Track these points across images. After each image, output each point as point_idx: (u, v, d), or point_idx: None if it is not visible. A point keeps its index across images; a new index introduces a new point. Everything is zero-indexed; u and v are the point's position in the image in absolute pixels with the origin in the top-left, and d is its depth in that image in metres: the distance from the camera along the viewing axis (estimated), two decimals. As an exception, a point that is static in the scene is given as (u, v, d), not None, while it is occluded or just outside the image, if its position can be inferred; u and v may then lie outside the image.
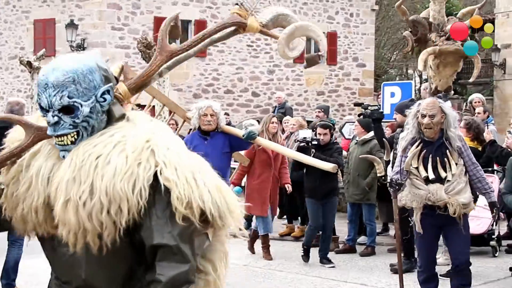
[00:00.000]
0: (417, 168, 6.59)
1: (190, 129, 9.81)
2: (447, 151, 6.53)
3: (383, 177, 8.78)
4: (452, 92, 22.49)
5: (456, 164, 6.54)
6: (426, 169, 6.55)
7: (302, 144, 9.94)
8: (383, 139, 8.97)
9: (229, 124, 12.95)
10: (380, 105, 12.33)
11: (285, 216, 12.93)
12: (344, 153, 11.03)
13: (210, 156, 7.23)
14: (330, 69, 30.34)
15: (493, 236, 10.26)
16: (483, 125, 10.89)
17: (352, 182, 10.74)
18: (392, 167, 7.31)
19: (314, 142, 9.84)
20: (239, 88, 27.39)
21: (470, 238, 6.98)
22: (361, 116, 10.39)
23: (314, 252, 9.92)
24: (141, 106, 21.71)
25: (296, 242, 11.56)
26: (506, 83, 30.56)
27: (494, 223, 9.69)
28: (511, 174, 7.30)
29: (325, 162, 8.38)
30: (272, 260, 10.14)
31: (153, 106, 18.28)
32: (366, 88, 31.10)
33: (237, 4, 3.16)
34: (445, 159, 6.53)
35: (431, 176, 6.52)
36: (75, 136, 2.68)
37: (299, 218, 12.09)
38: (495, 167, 10.69)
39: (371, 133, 10.32)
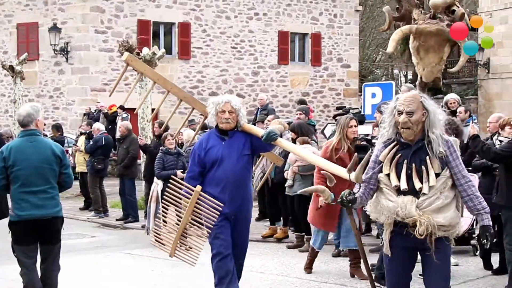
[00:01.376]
0: (388, 175, 5.30)
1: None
2: (427, 157, 5.20)
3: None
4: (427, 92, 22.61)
5: (438, 174, 5.20)
6: (398, 178, 5.26)
7: (362, 142, 9.25)
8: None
9: (204, 128, 12.82)
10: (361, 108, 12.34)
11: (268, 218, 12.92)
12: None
13: (228, 159, 6.91)
14: (315, 70, 30.37)
15: (473, 235, 10.28)
16: (462, 125, 10.85)
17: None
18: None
19: (374, 141, 8.92)
20: (224, 90, 27.35)
21: (448, 269, 5.47)
22: (338, 117, 10.37)
23: (293, 255, 9.86)
24: (124, 109, 21.69)
25: (278, 243, 11.55)
26: (490, 82, 30.68)
27: (475, 222, 9.70)
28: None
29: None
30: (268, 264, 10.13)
31: (134, 109, 18.29)
32: (351, 88, 31.15)
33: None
34: (423, 167, 5.20)
35: (403, 186, 5.21)
36: None
37: (281, 219, 12.07)
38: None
39: None
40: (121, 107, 22.13)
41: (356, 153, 6.54)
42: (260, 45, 28.96)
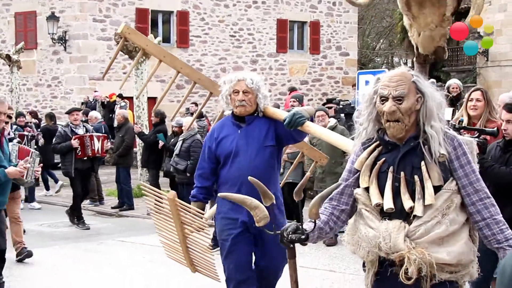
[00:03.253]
0: (367, 190, 3.71)
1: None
2: (422, 163, 3.60)
3: None
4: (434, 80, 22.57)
5: (439, 188, 3.59)
6: (382, 193, 3.65)
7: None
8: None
9: (201, 116, 12.78)
10: (351, 100, 12.32)
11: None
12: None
13: (244, 151, 5.48)
14: (314, 58, 30.34)
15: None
16: None
17: (328, 171, 10.62)
18: None
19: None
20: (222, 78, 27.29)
21: None
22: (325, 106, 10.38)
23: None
24: (123, 98, 21.72)
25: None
26: (489, 70, 30.65)
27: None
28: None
29: None
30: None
31: (131, 98, 18.31)
32: (349, 76, 31.13)
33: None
34: (416, 177, 3.59)
35: (388, 205, 3.59)
36: None
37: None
38: None
39: (333, 120, 10.35)
40: (120, 96, 22.17)
41: (307, 173, 5.80)
42: (258, 34, 28.93)
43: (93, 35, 25.72)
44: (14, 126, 13.54)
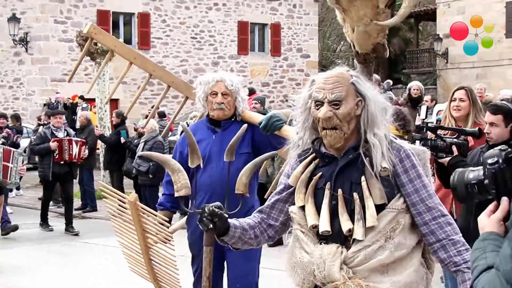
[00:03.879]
0: (303, 209, 3.26)
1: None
2: (363, 177, 3.15)
3: None
4: (391, 82, 22.88)
5: (382, 207, 3.14)
6: (318, 213, 3.20)
7: None
8: None
9: (163, 116, 12.85)
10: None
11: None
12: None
13: (217, 158, 4.97)
14: (275, 60, 30.65)
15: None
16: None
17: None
18: None
19: None
20: (184, 80, 27.44)
21: None
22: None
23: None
24: (85, 99, 21.78)
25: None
26: (449, 72, 31.24)
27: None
28: None
29: None
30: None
31: (93, 99, 18.40)
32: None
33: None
34: (355, 194, 3.15)
35: (324, 227, 3.15)
36: None
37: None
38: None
39: None
40: (81, 97, 22.22)
41: None
42: (219, 35, 29.14)
43: (54, 37, 25.70)
44: None
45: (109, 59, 7.78)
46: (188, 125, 5.13)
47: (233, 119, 5.18)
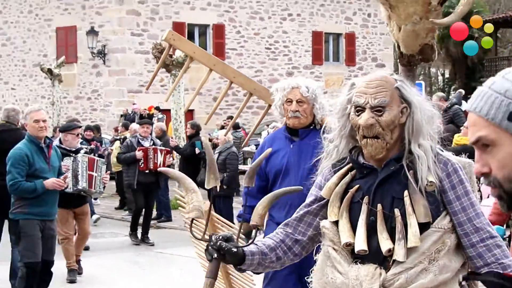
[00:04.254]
0: (336, 224, 2.95)
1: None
2: (406, 192, 2.85)
3: None
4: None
5: (426, 226, 2.84)
6: (354, 230, 2.90)
7: None
8: None
9: (237, 127, 12.83)
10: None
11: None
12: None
13: (295, 170, 4.78)
14: (349, 70, 30.47)
15: None
16: None
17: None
18: None
19: None
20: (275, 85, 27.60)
21: None
22: None
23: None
24: (160, 110, 22.09)
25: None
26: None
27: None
28: None
29: None
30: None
31: (169, 110, 18.62)
32: (385, 88, 31.17)
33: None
34: (396, 211, 2.85)
35: (360, 246, 2.86)
36: None
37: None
38: None
39: None
40: (157, 108, 22.55)
41: None
42: (294, 46, 29.16)
43: (131, 49, 26.17)
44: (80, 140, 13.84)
45: (188, 66, 7.55)
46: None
47: (311, 127, 4.87)
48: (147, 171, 11.90)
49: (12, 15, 28.24)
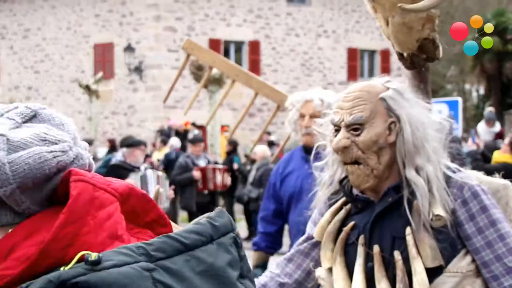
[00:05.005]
0: (330, 270, 2.45)
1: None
2: (407, 229, 2.30)
3: None
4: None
5: (438, 269, 2.27)
6: (350, 274, 2.39)
7: None
8: None
9: (272, 144, 12.79)
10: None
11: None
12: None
13: (310, 192, 3.84)
14: (384, 86, 30.42)
15: None
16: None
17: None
18: None
19: None
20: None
21: None
22: None
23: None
24: (196, 126, 22.27)
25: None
26: None
27: None
28: None
29: None
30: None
31: (203, 127, 18.77)
32: (420, 104, 31.08)
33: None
34: (397, 253, 2.32)
35: None
36: None
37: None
38: None
39: None
40: (193, 124, 22.72)
41: None
42: (329, 62, 29.23)
43: (167, 65, 26.42)
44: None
45: (209, 76, 7.14)
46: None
47: None
48: (205, 192, 11.32)
49: (50, 32, 28.69)
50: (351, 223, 2.39)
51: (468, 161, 9.65)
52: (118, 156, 8.92)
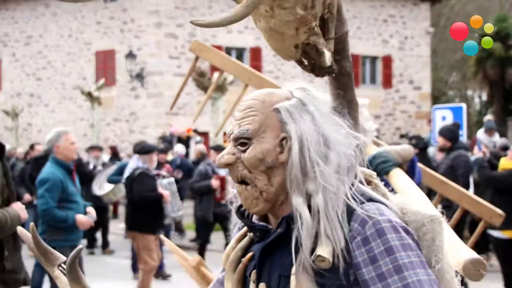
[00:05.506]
0: None
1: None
2: (293, 269, 1.91)
3: None
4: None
5: None
6: None
7: None
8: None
9: None
10: (426, 136, 12.31)
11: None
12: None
13: None
14: (386, 93, 30.41)
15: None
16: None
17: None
18: None
19: None
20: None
21: None
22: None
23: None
24: (198, 133, 22.23)
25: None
26: None
27: None
28: None
29: None
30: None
31: (206, 133, 18.76)
32: (422, 111, 31.03)
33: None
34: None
35: None
36: None
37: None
38: None
39: None
40: (195, 131, 22.70)
41: None
42: (331, 68, 29.16)
43: (169, 72, 26.41)
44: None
45: (219, 79, 6.69)
46: None
47: None
48: (223, 202, 10.76)
49: (52, 39, 28.71)
50: (249, 254, 2.06)
51: (474, 169, 9.66)
52: (136, 163, 8.84)
